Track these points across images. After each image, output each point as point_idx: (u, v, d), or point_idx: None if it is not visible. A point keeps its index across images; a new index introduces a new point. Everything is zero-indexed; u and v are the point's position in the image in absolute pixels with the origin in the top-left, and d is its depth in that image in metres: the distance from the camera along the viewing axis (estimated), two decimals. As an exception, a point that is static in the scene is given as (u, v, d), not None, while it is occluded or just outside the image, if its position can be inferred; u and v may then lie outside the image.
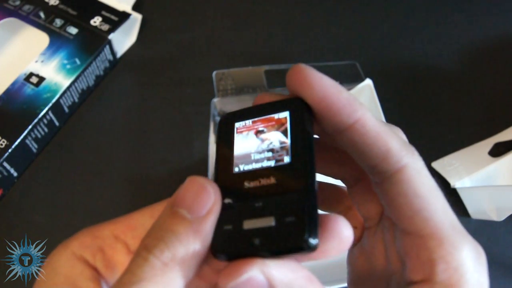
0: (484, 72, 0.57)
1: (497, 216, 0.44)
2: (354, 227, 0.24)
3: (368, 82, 0.49)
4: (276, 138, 0.20)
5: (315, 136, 0.21)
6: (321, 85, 0.19)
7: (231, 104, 0.48)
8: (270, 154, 0.19)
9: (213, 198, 0.18)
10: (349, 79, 0.51)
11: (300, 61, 0.57)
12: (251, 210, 0.18)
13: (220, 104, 0.48)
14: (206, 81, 0.51)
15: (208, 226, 0.18)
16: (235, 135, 0.21)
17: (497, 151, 0.47)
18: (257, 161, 0.20)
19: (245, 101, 0.49)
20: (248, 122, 0.21)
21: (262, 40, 0.58)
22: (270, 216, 0.18)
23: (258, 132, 0.20)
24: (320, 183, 0.23)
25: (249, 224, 0.18)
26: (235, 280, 0.17)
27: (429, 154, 0.49)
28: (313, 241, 0.17)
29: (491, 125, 0.51)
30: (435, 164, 0.48)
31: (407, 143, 0.20)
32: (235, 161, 0.20)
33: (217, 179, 0.20)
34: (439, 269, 0.18)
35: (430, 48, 0.58)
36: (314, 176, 0.19)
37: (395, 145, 0.19)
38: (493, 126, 0.51)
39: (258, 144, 0.20)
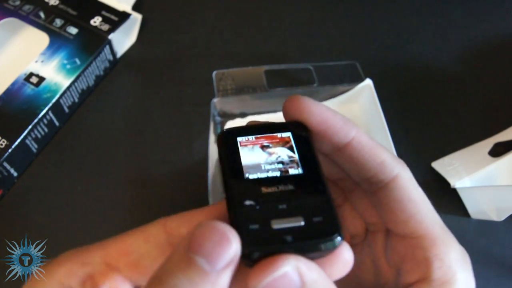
0: (484, 72, 0.57)
1: (497, 216, 0.44)
2: None
3: (368, 82, 0.49)
4: (284, 153, 0.21)
5: None
6: (319, 110, 0.21)
7: (231, 104, 0.48)
8: (280, 165, 0.20)
9: (235, 249, 0.16)
10: (349, 79, 0.51)
11: (300, 61, 0.58)
12: (276, 211, 0.19)
13: (220, 104, 0.48)
14: (206, 81, 0.51)
15: (227, 280, 0.16)
16: (240, 147, 0.21)
17: (497, 151, 0.47)
18: (268, 171, 0.20)
19: (245, 101, 0.49)
20: (251, 137, 0.21)
21: (262, 40, 0.58)
22: (298, 216, 0.18)
23: (263, 147, 0.21)
24: None
25: (277, 224, 0.18)
26: (269, 276, 0.16)
27: (429, 154, 0.49)
28: (340, 239, 0.18)
29: (491, 125, 0.51)
30: (435, 164, 0.48)
31: (396, 156, 0.22)
32: (245, 169, 0.20)
33: (231, 184, 0.20)
34: (434, 267, 0.20)
35: (430, 48, 0.58)
36: (328, 186, 0.20)
37: (387, 157, 0.21)
38: (493, 126, 0.51)
39: (266, 157, 0.21)
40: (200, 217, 0.19)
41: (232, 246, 0.16)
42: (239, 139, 0.21)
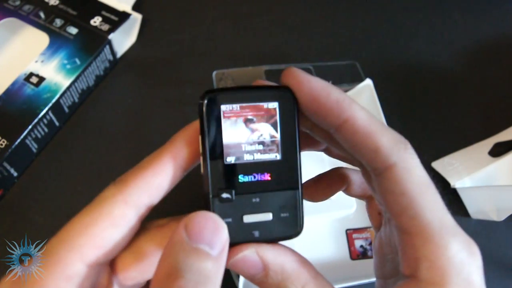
0: (484, 72, 0.57)
1: (497, 216, 0.44)
2: (378, 213, 0.25)
3: (368, 82, 0.49)
4: (267, 131, 0.20)
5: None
6: (310, 88, 0.20)
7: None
8: (261, 147, 0.20)
9: (227, 235, 0.19)
10: (349, 79, 0.51)
11: (300, 61, 0.58)
12: (250, 205, 0.20)
13: (220, 104, 0.48)
14: (206, 81, 0.51)
15: (225, 258, 0.19)
16: (223, 120, 0.20)
17: (497, 151, 0.47)
18: (248, 152, 0.20)
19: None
20: (236, 107, 0.20)
21: (262, 40, 0.58)
22: (268, 212, 0.20)
23: (247, 121, 0.20)
24: (354, 170, 0.25)
25: (248, 218, 0.20)
26: (231, 259, 0.20)
27: (429, 154, 0.49)
28: (301, 231, 0.21)
29: (491, 125, 0.51)
30: (435, 164, 0.48)
31: (399, 140, 0.20)
32: (225, 150, 0.20)
33: (211, 170, 0.20)
34: (422, 267, 0.19)
35: (430, 48, 0.58)
36: (301, 174, 0.20)
37: (384, 143, 0.19)
38: (493, 126, 0.51)
39: (248, 135, 0.20)
40: (155, 180, 0.20)
41: (224, 232, 0.19)
42: (223, 107, 0.20)
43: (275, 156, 0.20)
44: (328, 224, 0.44)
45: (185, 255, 0.18)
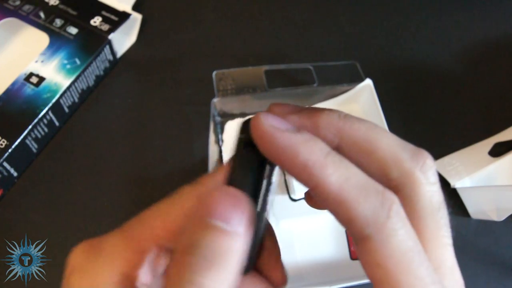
0: (484, 72, 0.57)
1: (497, 216, 0.44)
2: None
3: (368, 82, 0.49)
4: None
5: None
6: (274, 147, 0.18)
7: (231, 104, 0.48)
8: None
9: (248, 209, 0.18)
10: (349, 79, 0.51)
11: (300, 61, 0.57)
12: None
13: (220, 104, 0.48)
14: (206, 81, 0.51)
15: (244, 239, 0.17)
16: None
17: (497, 151, 0.47)
18: None
19: (245, 101, 0.49)
20: None
21: (262, 40, 0.58)
22: None
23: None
24: None
25: None
26: None
27: (429, 154, 0.49)
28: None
29: (491, 125, 0.51)
30: (435, 164, 0.48)
31: (380, 209, 0.17)
32: None
33: None
34: None
35: (430, 48, 0.58)
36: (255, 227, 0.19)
37: (359, 214, 0.17)
38: (493, 126, 0.51)
39: None
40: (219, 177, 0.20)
41: (245, 206, 0.18)
42: None
43: None
44: (328, 224, 0.44)
45: (196, 230, 0.17)
